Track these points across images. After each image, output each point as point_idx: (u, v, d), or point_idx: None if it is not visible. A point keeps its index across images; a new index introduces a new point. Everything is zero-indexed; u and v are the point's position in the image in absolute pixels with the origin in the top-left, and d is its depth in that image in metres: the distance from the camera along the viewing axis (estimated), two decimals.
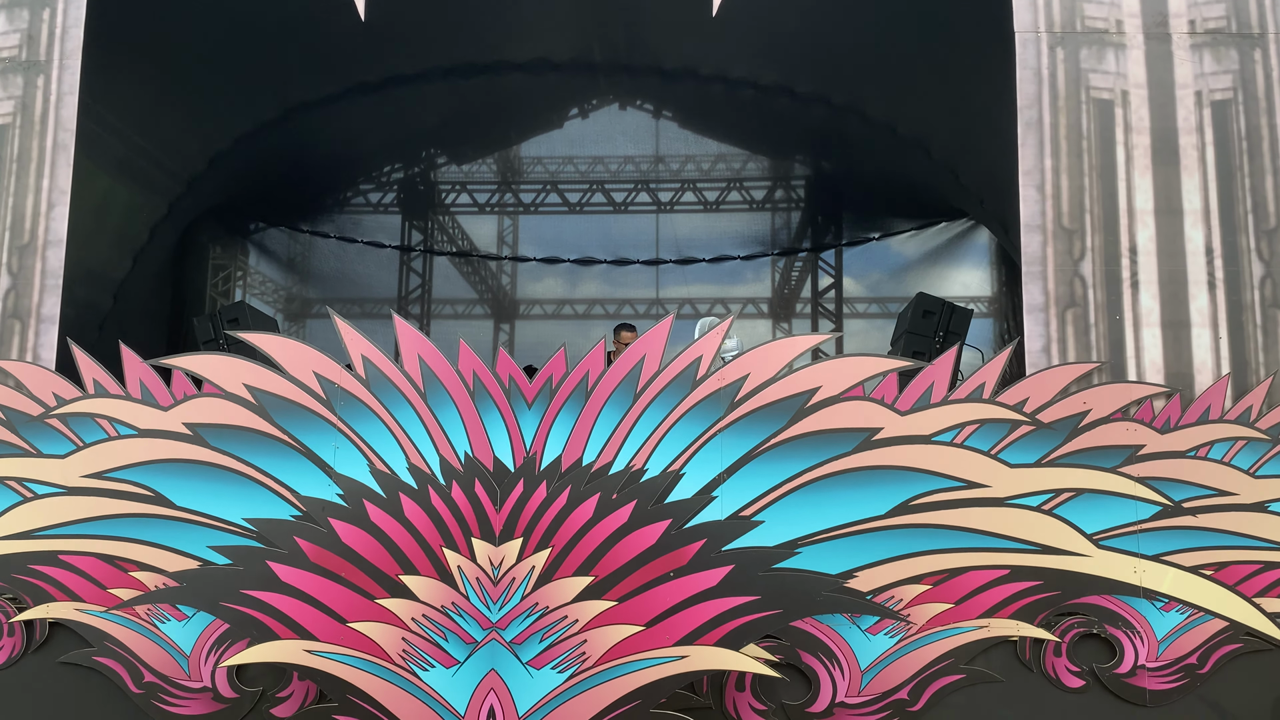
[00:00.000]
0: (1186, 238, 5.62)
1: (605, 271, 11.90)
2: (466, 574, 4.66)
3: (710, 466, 4.96)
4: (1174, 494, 5.14)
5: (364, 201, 11.64)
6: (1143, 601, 5.11)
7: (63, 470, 5.30)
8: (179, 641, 5.17)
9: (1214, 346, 5.52)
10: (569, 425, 4.92)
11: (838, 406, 5.03)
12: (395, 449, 4.96)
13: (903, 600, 5.02)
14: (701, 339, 5.09)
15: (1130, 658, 5.09)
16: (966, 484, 5.06)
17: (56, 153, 6.00)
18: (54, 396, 5.39)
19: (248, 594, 4.67)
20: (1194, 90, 5.75)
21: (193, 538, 5.09)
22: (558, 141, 11.19)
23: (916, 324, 7.24)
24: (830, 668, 5.04)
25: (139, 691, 5.17)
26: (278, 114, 8.81)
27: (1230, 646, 5.08)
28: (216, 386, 5.15)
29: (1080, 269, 5.62)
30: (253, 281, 11.50)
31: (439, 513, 4.73)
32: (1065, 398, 5.19)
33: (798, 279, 12.08)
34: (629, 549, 4.63)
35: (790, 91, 8.86)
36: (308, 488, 4.97)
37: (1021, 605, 5.05)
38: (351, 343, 5.06)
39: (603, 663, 4.57)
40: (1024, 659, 5.09)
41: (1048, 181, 5.68)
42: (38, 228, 5.93)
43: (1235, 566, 5.15)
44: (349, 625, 4.63)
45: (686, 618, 4.58)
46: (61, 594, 5.22)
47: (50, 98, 6.04)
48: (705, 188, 11.64)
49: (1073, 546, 5.09)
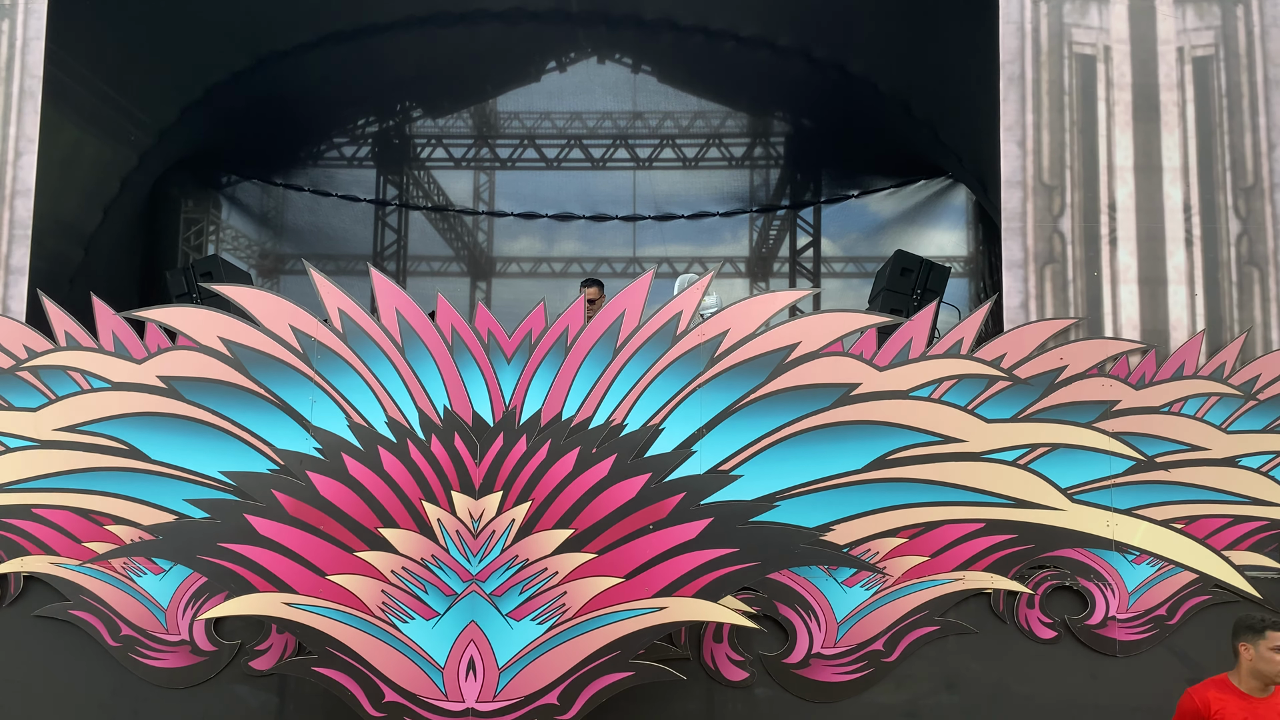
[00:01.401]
0: (1165, 195, 5.64)
1: (582, 230, 11.83)
2: (446, 527, 4.66)
3: (690, 421, 4.97)
4: (1147, 449, 5.21)
5: (338, 155, 11.49)
6: (1114, 554, 5.19)
7: (35, 423, 5.23)
8: (156, 595, 5.16)
9: (1189, 303, 5.57)
10: (548, 380, 4.91)
11: (817, 362, 5.05)
12: (373, 403, 4.93)
13: (879, 553, 5.07)
14: (681, 295, 5.08)
15: (1101, 609, 5.18)
16: (943, 439, 5.10)
17: (24, 100, 5.86)
18: (25, 349, 5.31)
19: (225, 547, 4.64)
20: (1176, 46, 5.74)
21: (168, 491, 5.05)
22: (535, 95, 11.07)
23: (895, 281, 7.27)
24: (807, 619, 5.09)
25: (116, 645, 5.15)
26: (250, 64, 8.64)
27: (1199, 599, 5.18)
28: (191, 339, 5.09)
29: (1059, 225, 5.64)
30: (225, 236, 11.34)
31: (418, 466, 4.71)
32: (1042, 353, 5.23)
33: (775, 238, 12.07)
34: (609, 502, 4.64)
35: (771, 45, 8.78)
36: (285, 441, 4.93)
37: (996, 558, 5.12)
38: (328, 296, 5.01)
39: (582, 614, 4.59)
40: (998, 611, 5.17)
41: (1029, 137, 5.67)
42: (5, 176, 5.81)
43: (1205, 520, 5.23)
44: (328, 578, 4.62)
45: (665, 570, 4.60)
46: (35, 548, 5.18)
47: (16, 43, 5.89)
48: (684, 144, 11.56)
49: (1047, 500, 5.15)
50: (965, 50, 6.67)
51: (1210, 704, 3.82)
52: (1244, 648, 3.88)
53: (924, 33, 7.67)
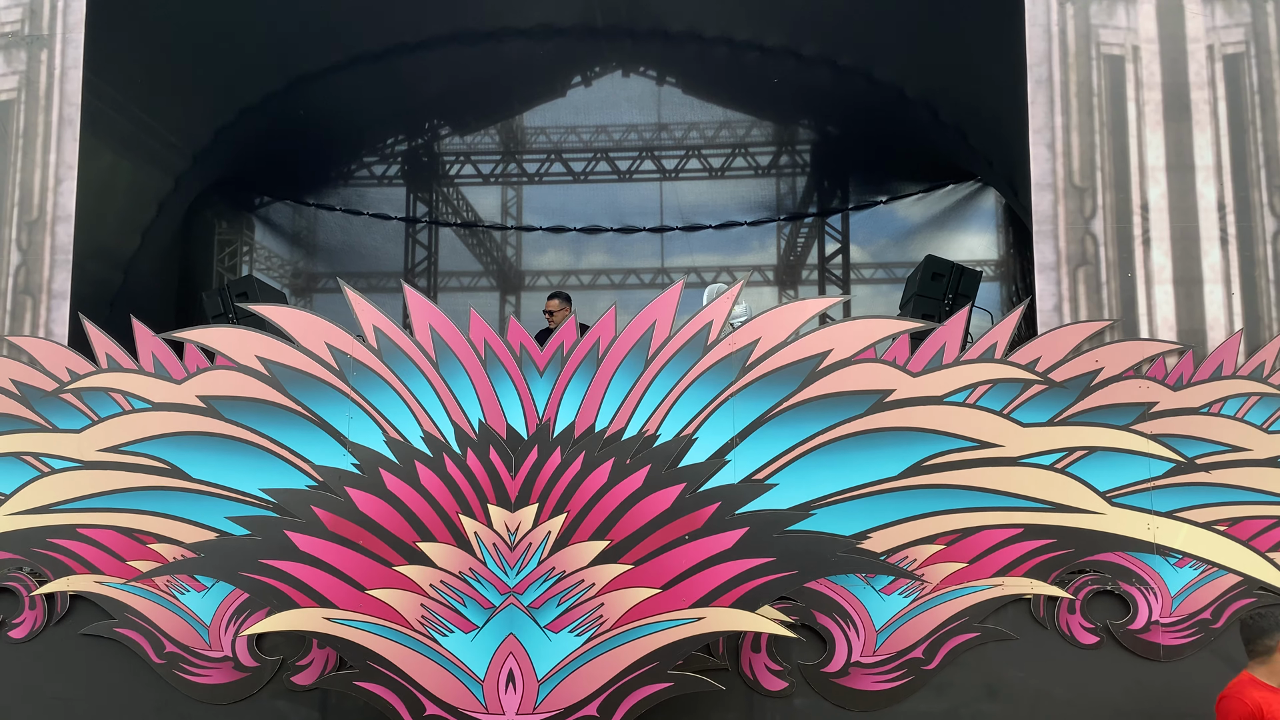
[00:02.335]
0: (1198, 194, 5.59)
1: (610, 242, 11.87)
2: (483, 540, 4.69)
3: (723, 431, 4.97)
4: (1187, 450, 5.14)
5: (368, 174, 11.62)
6: (1156, 558, 5.12)
7: (78, 445, 5.33)
8: (199, 612, 5.22)
9: (1226, 302, 5.51)
10: (581, 392, 4.93)
11: (850, 369, 5.03)
12: (409, 418, 4.97)
13: (917, 560, 5.04)
14: (711, 304, 5.08)
15: (1144, 614, 5.11)
16: (979, 444, 5.07)
17: (63, 127, 5.98)
18: (67, 371, 5.41)
19: (266, 563, 4.70)
20: (1205, 44, 5.69)
21: (210, 509, 5.12)
22: (561, 110, 11.14)
23: (926, 286, 7.24)
24: (845, 628, 5.07)
25: (160, 661, 5.23)
26: (281, 86, 8.78)
27: (1244, 601, 5.09)
28: (229, 359, 5.16)
29: (1091, 227, 5.59)
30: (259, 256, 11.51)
31: (455, 480, 4.75)
32: (1077, 356, 5.18)
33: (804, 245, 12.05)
34: (644, 513, 4.65)
35: (796, 54, 8.79)
36: (323, 458, 4.98)
37: (1035, 563, 5.07)
38: (363, 313, 5.06)
39: (620, 625, 4.60)
40: (1038, 617, 5.12)
41: (1058, 139, 5.64)
42: (46, 203, 5.93)
43: (1248, 522, 5.15)
44: (368, 593, 4.66)
45: (702, 580, 4.60)
46: (81, 567, 5.27)
47: (54, 72, 6.02)
48: (710, 154, 11.59)
49: (1086, 504, 5.09)
50: (992, 54, 6.65)
51: (1261, 705, 3.77)
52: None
53: (950, 37, 7.66)
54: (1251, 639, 3.92)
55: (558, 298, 7.18)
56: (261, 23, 7.71)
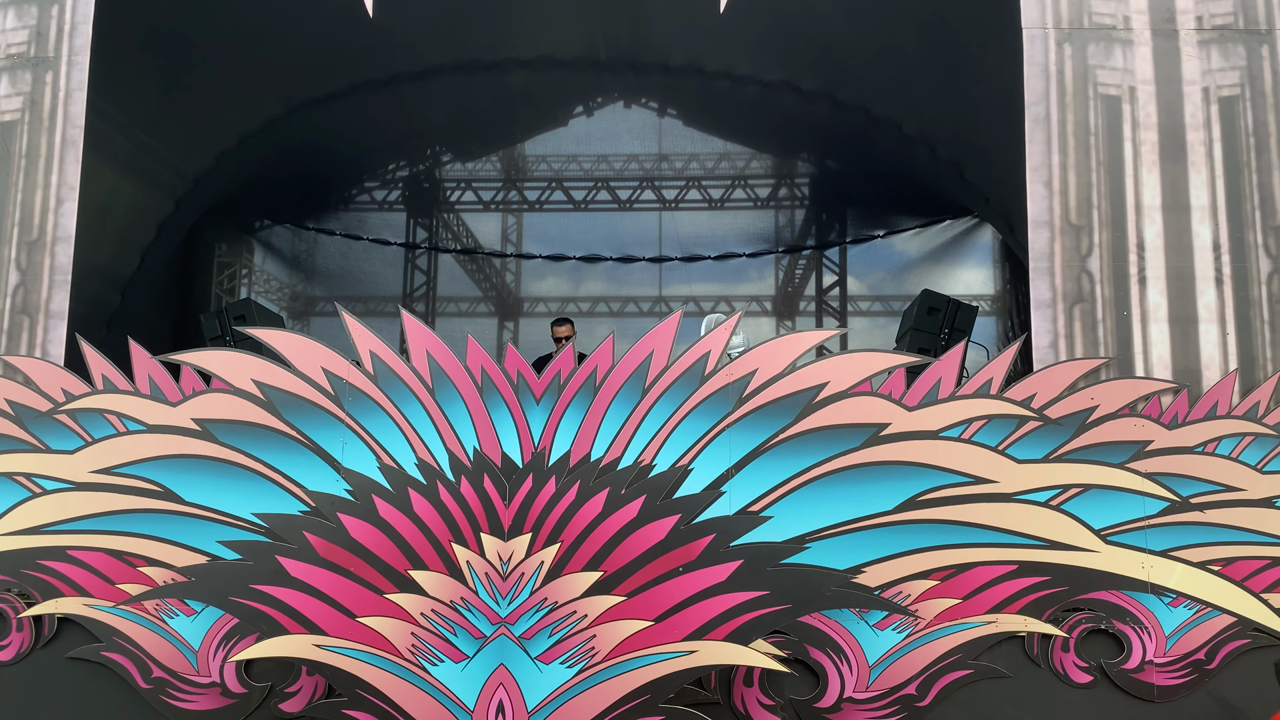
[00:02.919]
0: (1194, 234, 5.62)
1: (609, 270, 11.91)
2: (475, 569, 4.66)
3: (718, 462, 4.97)
4: (1182, 489, 5.14)
5: (369, 199, 11.66)
6: (1150, 597, 5.11)
7: (71, 466, 5.31)
8: (187, 637, 5.18)
9: (1221, 342, 5.53)
10: (577, 420, 4.93)
11: (845, 402, 5.04)
12: (404, 445, 4.96)
13: (910, 595, 5.02)
14: (709, 335, 5.10)
15: (1138, 653, 5.09)
16: (974, 479, 5.07)
17: (65, 149, 6.01)
18: (63, 392, 5.40)
19: (257, 589, 4.68)
20: (1201, 86, 5.75)
21: (201, 533, 5.10)
22: (563, 139, 11.20)
23: (922, 321, 7.24)
24: (838, 663, 5.04)
25: (147, 687, 5.18)
26: (284, 111, 8.82)
27: (1238, 642, 5.08)
28: (225, 382, 5.16)
29: (1088, 265, 5.62)
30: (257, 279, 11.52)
31: (448, 508, 4.74)
32: (1073, 393, 5.19)
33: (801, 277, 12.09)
34: (638, 544, 4.64)
35: (796, 88, 8.86)
36: (316, 483, 4.97)
37: (1029, 601, 5.05)
38: (360, 338, 5.07)
39: (611, 658, 4.57)
40: (1032, 654, 5.10)
41: (1055, 178, 5.68)
42: (46, 224, 5.95)
43: (1243, 562, 5.15)
44: (358, 620, 4.63)
45: (695, 613, 4.58)
46: (70, 589, 5.23)
47: (59, 94, 6.05)
48: (710, 185, 11.65)
49: (1080, 542, 5.09)
50: (990, 92, 6.70)
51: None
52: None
53: (949, 75, 7.73)
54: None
55: (568, 323, 7.16)
56: (265, 49, 7.76)
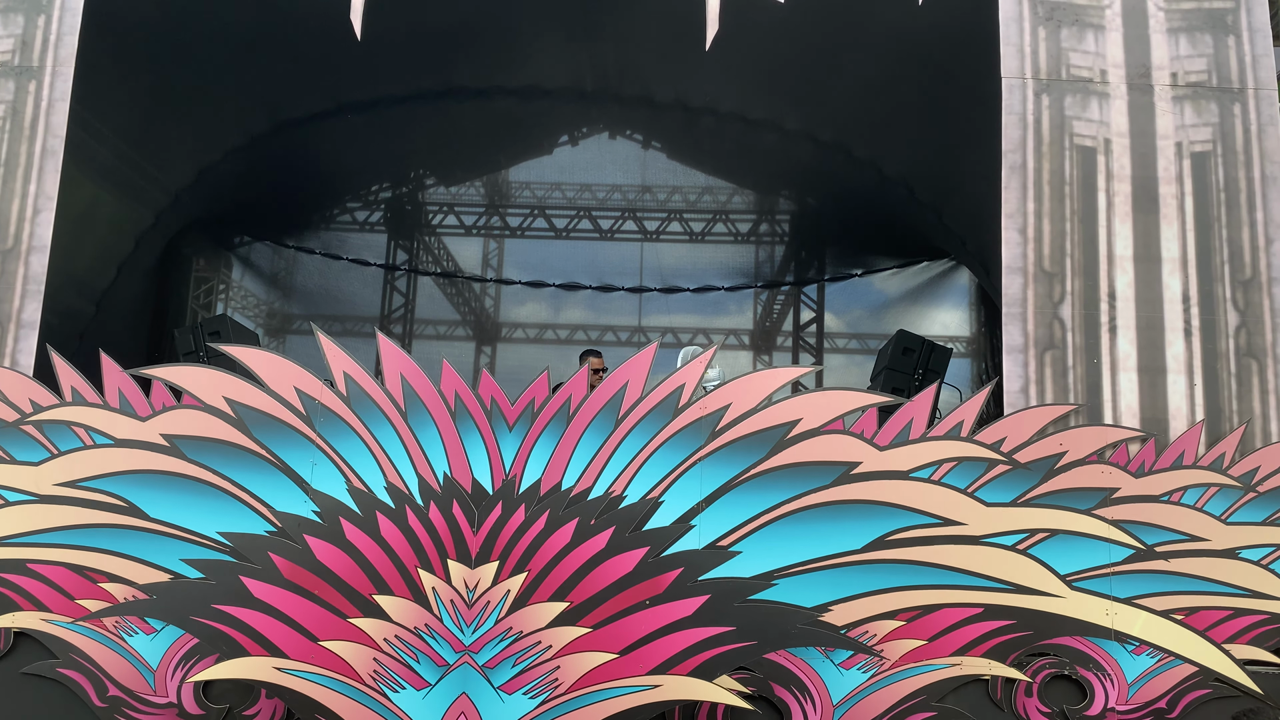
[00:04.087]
0: (1164, 285, 5.71)
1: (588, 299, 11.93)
2: (441, 596, 4.63)
3: (689, 495, 4.97)
4: (1147, 538, 5.19)
5: (350, 220, 11.64)
6: (1114, 644, 5.14)
7: (35, 478, 5.24)
8: (146, 655, 5.10)
9: (1189, 393, 5.60)
10: (549, 449, 4.93)
11: (818, 439, 5.06)
12: (374, 467, 4.94)
13: (876, 635, 5.03)
14: (684, 367, 5.12)
15: (1100, 700, 5.11)
16: (942, 521, 5.09)
17: (45, 158, 5.98)
18: (30, 403, 5.34)
19: (219, 609, 4.63)
20: (1175, 141, 5.86)
21: (165, 550, 5.04)
22: (547, 168, 11.25)
23: (896, 360, 7.30)
24: (803, 701, 5.03)
25: (102, 705, 5.09)
26: (267, 129, 8.82)
27: (1199, 692, 5.11)
28: (196, 399, 5.12)
29: (1060, 312, 5.70)
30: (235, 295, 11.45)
31: (415, 533, 4.71)
32: (1042, 438, 5.24)
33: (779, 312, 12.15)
34: (605, 575, 4.63)
35: (778, 127, 8.96)
36: (284, 504, 4.93)
37: (994, 644, 5.07)
38: (334, 359, 5.05)
39: (575, 690, 4.55)
40: (995, 698, 5.10)
41: (1030, 225, 5.76)
42: (22, 232, 5.90)
43: (1206, 612, 5.19)
44: (320, 644, 4.59)
45: (660, 647, 4.57)
46: (28, 603, 5.15)
47: (41, 103, 6.03)
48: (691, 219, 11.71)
49: (1046, 587, 5.12)
50: (969, 138, 6.80)
51: None
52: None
53: (929, 120, 7.84)
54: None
55: (597, 354, 7.09)
56: (251, 66, 7.77)
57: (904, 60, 7.25)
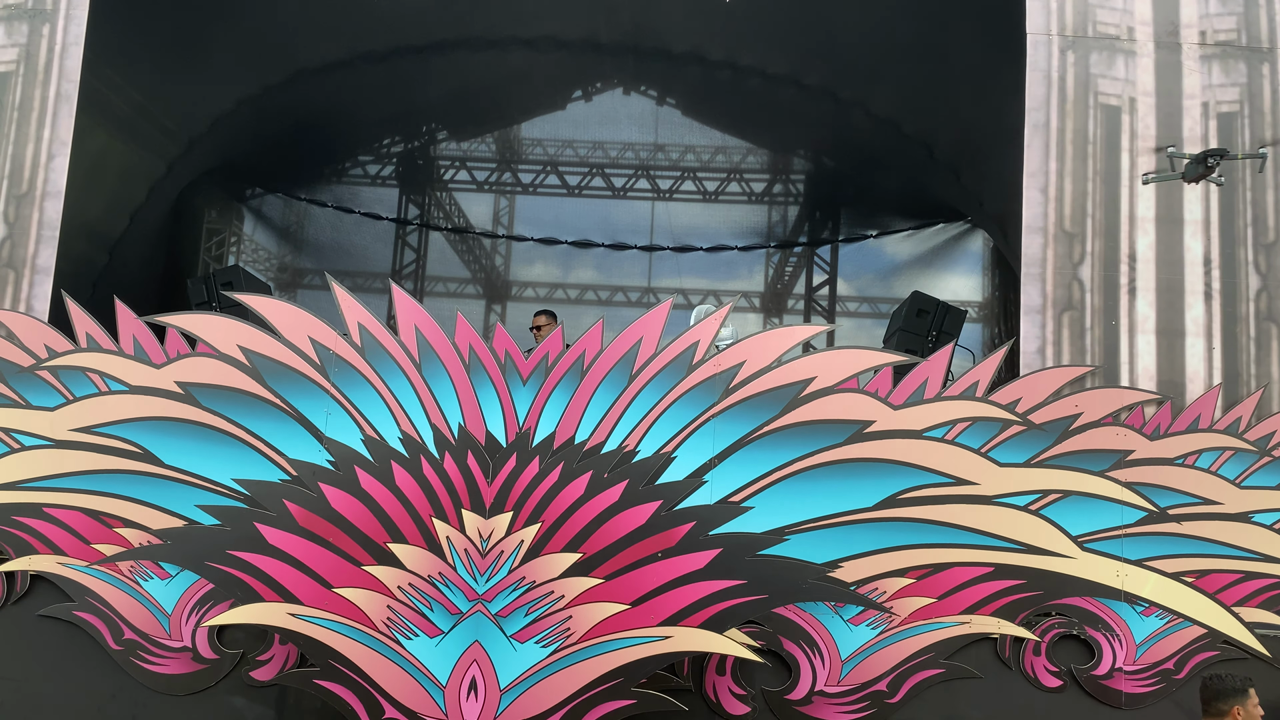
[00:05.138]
0: (1186, 247, 5.66)
1: (599, 258, 11.88)
2: (455, 545, 4.66)
3: (702, 451, 4.97)
4: (1160, 500, 5.18)
5: (362, 173, 11.58)
6: (1123, 605, 5.15)
7: (51, 423, 5.26)
8: (161, 600, 5.15)
9: (1207, 356, 5.57)
10: (563, 403, 4.92)
11: (831, 397, 5.05)
12: (388, 417, 4.94)
13: (886, 592, 5.05)
14: (698, 325, 5.10)
15: (1108, 660, 5.13)
16: (955, 480, 5.09)
17: (59, 103, 5.95)
18: (45, 348, 5.35)
19: (233, 554, 4.65)
20: (1201, 101, 5.79)
21: (180, 496, 5.07)
22: (559, 123, 11.14)
23: (910, 322, 7.26)
24: (811, 656, 5.06)
25: (118, 648, 5.15)
26: (281, 79, 8.74)
27: (1207, 654, 5.14)
28: (211, 347, 5.12)
29: (1079, 273, 5.65)
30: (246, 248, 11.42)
31: (430, 483, 4.73)
32: (1057, 400, 5.22)
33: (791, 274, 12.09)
34: (618, 528, 4.64)
35: (798, 83, 8.85)
36: (298, 452, 4.95)
37: (1004, 603, 5.09)
38: (348, 310, 5.04)
39: (586, 639, 4.58)
40: (1003, 657, 5.13)
41: (1051, 184, 5.70)
42: (36, 178, 5.89)
43: (1216, 575, 5.20)
44: (334, 590, 4.62)
45: (672, 599, 4.59)
46: (44, 547, 5.19)
47: (55, 47, 5.99)
48: (705, 177, 11.62)
49: (1057, 547, 5.12)
50: (991, 96, 6.72)
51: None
52: (1237, 710, 3.86)
53: (950, 77, 7.73)
54: (1210, 699, 3.94)
55: (545, 313, 7.16)
56: (266, 14, 7.70)
57: (928, 16, 7.15)
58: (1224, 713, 3.87)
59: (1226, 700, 3.87)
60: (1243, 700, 3.83)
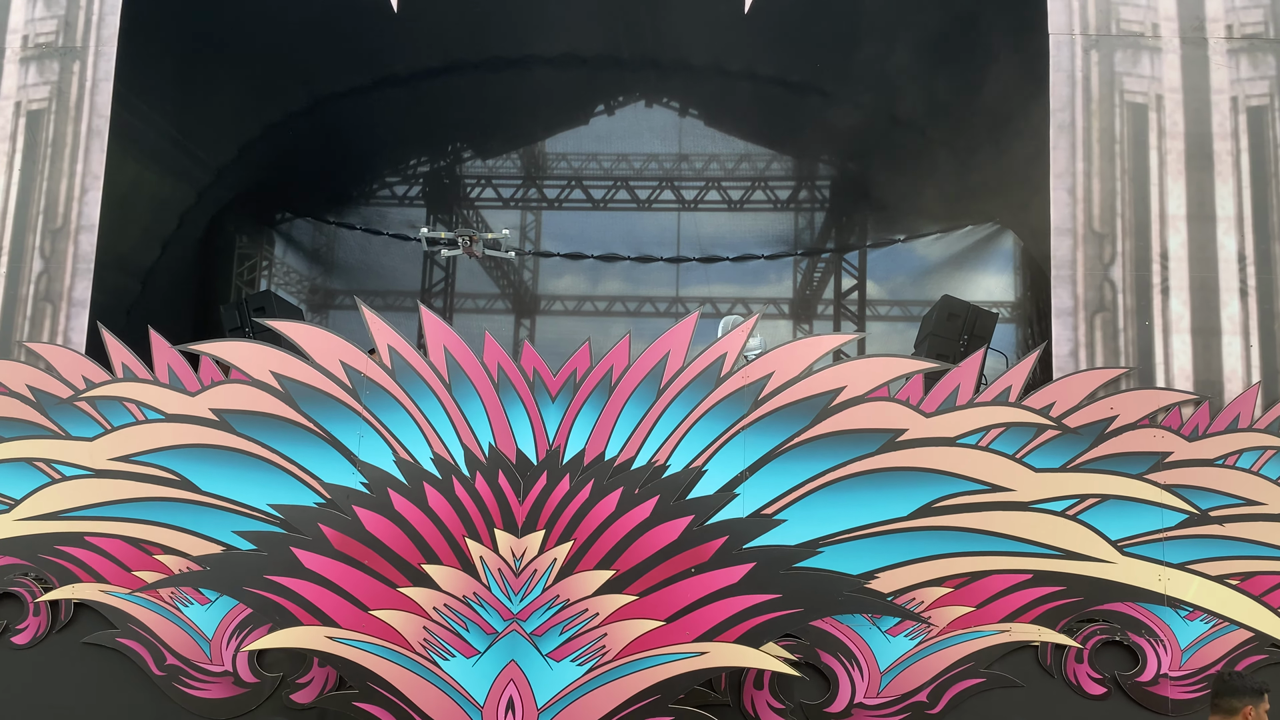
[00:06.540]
0: (1219, 244, 5.57)
1: (626, 269, 11.89)
2: (489, 564, 4.67)
3: (733, 464, 4.96)
4: (1201, 502, 5.10)
5: (389, 194, 11.68)
6: (1167, 610, 5.07)
7: (90, 453, 5.35)
8: (201, 625, 5.21)
9: (1244, 354, 5.47)
10: (592, 419, 4.93)
11: (862, 407, 5.02)
12: (419, 439, 4.98)
13: (924, 602, 5.00)
14: (725, 337, 5.09)
15: (1153, 666, 5.05)
16: (990, 487, 5.04)
17: (90, 138, 6.05)
18: (83, 380, 5.44)
19: (271, 579, 4.70)
20: (1229, 95, 5.70)
21: (217, 522, 5.13)
22: (583, 138, 11.19)
23: (941, 326, 7.21)
24: (849, 668, 5.02)
25: (160, 674, 5.21)
26: (307, 105, 8.85)
27: (1255, 657, 5.04)
28: (244, 373, 5.18)
29: (1110, 274, 5.58)
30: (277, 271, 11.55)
31: (462, 503, 4.75)
32: (1092, 403, 5.16)
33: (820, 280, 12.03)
34: (651, 544, 4.64)
35: (820, 91, 8.83)
36: (332, 475, 4.99)
37: (1044, 610, 5.03)
38: (378, 332, 5.09)
39: (622, 657, 4.57)
40: (1045, 665, 5.07)
41: (1079, 185, 5.64)
42: (70, 212, 5.99)
43: (1262, 577, 5.10)
44: (371, 613, 4.65)
45: (707, 614, 4.58)
46: (86, 575, 5.27)
47: (85, 84, 6.10)
48: (730, 186, 11.61)
49: (1096, 553, 5.05)
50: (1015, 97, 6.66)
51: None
52: (1249, 710, 3.79)
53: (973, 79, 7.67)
54: (1222, 694, 3.88)
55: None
56: (290, 42, 7.79)
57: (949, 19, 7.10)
58: (1235, 710, 3.81)
59: (1240, 698, 3.80)
60: (1256, 702, 3.77)
